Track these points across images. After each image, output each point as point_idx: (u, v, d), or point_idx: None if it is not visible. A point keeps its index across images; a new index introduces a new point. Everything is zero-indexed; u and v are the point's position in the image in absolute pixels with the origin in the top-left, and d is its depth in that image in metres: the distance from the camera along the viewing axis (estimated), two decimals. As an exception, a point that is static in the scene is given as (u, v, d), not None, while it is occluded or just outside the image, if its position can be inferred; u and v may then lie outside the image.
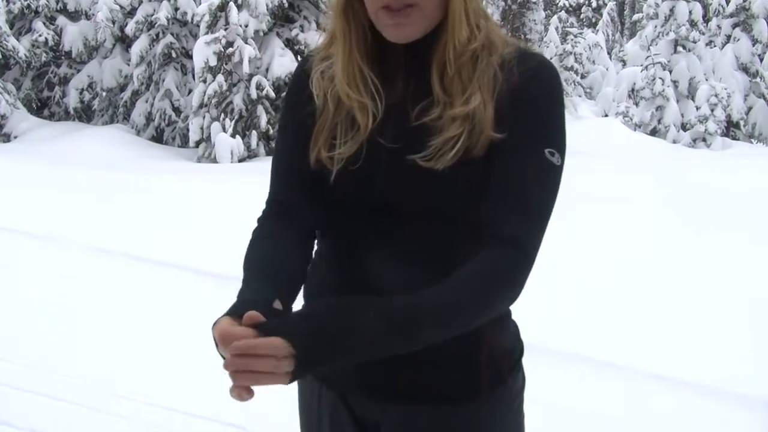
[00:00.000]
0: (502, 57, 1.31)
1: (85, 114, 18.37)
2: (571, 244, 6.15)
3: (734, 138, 23.16)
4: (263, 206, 1.47)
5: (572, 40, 30.96)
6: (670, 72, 22.70)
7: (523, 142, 1.27)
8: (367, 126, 1.31)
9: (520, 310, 1.42)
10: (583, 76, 31.52)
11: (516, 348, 1.43)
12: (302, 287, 1.39)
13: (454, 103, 1.28)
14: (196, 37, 16.01)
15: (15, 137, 16.19)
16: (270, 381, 1.08)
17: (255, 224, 1.44)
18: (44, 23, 17.75)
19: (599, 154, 11.88)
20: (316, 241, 1.45)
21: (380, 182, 1.31)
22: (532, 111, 1.29)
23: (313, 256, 1.44)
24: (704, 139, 21.70)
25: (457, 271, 1.22)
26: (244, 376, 1.07)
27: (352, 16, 1.33)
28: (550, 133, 1.30)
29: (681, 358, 4.32)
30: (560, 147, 1.29)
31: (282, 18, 16.29)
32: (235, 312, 1.16)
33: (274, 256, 1.33)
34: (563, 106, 1.33)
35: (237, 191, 8.94)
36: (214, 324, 1.15)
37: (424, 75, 1.31)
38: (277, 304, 1.20)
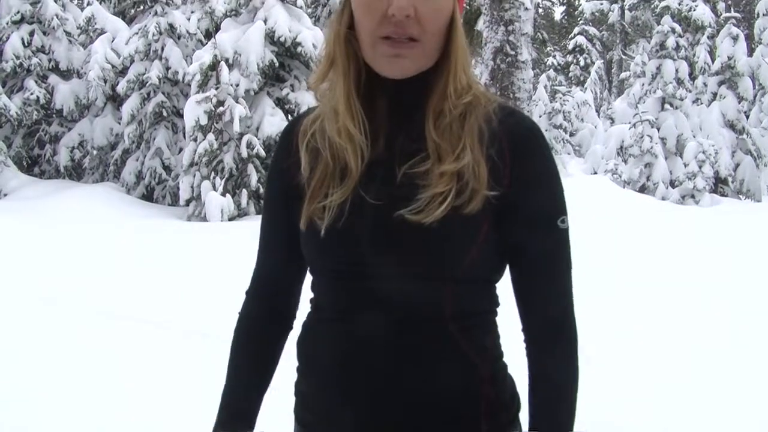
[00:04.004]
0: (487, 114, 1.29)
1: (76, 172, 18.42)
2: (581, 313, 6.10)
3: (723, 194, 23.32)
4: (252, 273, 1.48)
5: (561, 98, 31.36)
6: (658, 129, 22.94)
7: (537, 218, 1.29)
8: (358, 166, 1.28)
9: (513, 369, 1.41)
10: (571, 134, 31.84)
11: (514, 401, 1.39)
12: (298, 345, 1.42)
13: (444, 159, 1.25)
14: (187, 96, 16.15)
15: (5, 195, 16.20)
16: None
17: (243, 289, 1.48)
18: (36, 82, 17.90)
19: (593, 214, 11.91)
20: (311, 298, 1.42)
21: (366, 240, 1.27)
22: (538, 181, 1.29)
23: (309, 309, 1.42)
24: (693, 196, 21.85)
25: (537, 378, 1.32)
26: None
27: (351, 52, 1.30)
28: (558, 200, 1.31)
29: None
30: (565, 209, 1.31)
31: (273, 77, 16.44)
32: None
33: (261, 369, 1.47)
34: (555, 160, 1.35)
35: (227, 250, 8.89)
36: None
37: (414, 127, 1.28)
38: None
